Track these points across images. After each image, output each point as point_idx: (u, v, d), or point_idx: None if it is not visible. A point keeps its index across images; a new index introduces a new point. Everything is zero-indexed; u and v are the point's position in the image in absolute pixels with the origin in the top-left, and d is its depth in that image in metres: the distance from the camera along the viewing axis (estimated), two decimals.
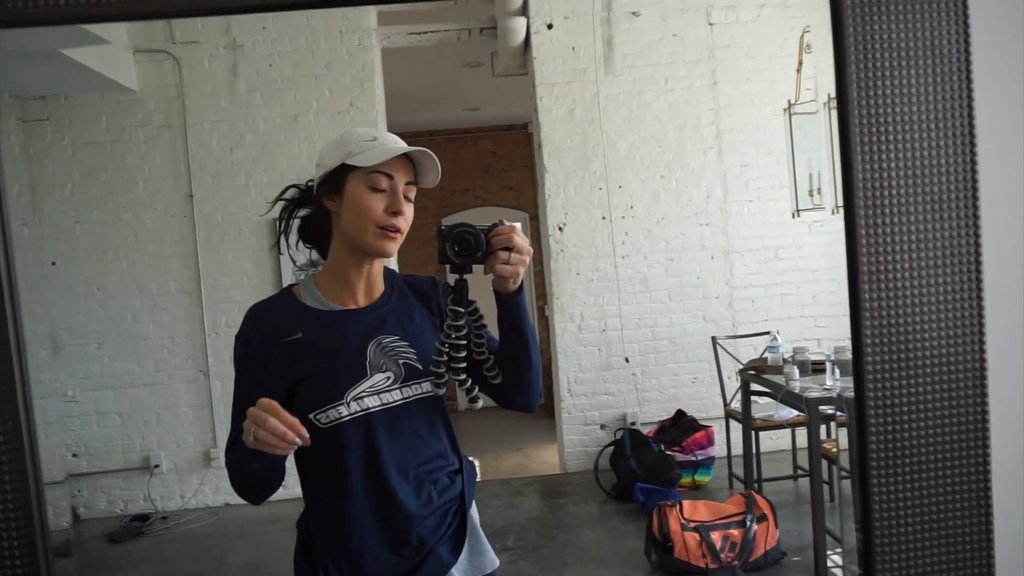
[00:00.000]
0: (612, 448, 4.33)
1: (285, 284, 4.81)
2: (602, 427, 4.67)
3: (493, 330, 1.25)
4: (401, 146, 1.20)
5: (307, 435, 1.07)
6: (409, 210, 1.22)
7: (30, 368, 0.55)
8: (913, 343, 0.54)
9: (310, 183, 1.30)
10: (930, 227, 0.52)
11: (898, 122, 0.51)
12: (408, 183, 1.22)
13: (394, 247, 1.22)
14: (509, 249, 1.12)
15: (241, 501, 1.28)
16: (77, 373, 4.44)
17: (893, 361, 0.54)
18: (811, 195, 3.25)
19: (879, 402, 0.56)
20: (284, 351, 1.20)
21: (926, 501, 0.60)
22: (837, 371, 3.05)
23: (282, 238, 1.32)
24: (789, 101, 3.42)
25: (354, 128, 1.25)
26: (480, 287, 1.20)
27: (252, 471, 1.16)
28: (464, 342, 1.16)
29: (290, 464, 1.19)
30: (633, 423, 4.59)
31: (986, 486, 0.61)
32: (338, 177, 1.21)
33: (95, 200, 4.46)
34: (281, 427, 1.05)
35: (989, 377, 0.55)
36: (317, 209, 1.27)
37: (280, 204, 1.34)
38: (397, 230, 1.20)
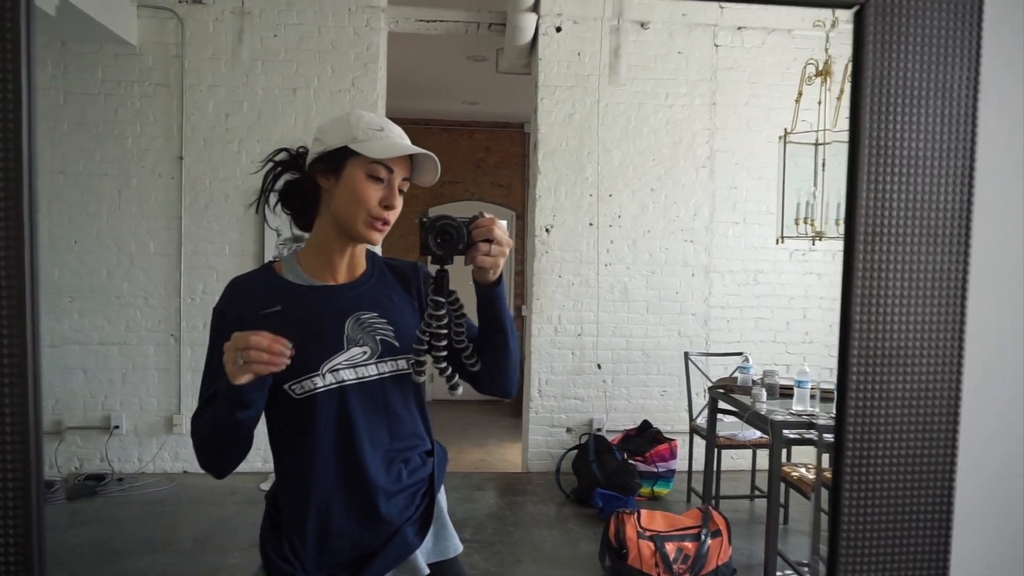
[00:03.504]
0: (576, 452, 4.37)
1: (267, 256, 4.73)
2: (568, 430, 4.71)
3: (474, 319, 1.27)
4: (408, 144, 1.22)
5: (290, 343, 1.04)
6: (400, 203, 1.24)
7: None
8: (895, 366, 0.58)
9: (300, 149, 1.30)
10: (923, 258, 0.55)
11: (904, 156, 0.54)
12: (404, 179, 1.24)
13: (380, 237, 1.24)
14: (489, 241, 1.14)
15: (200, 470, 1.25)
16: (45, 326, 4.37)
17: (875, 382, 0.58)
18: (796, 224, 3.31)
19: (858, 420, 0.59)
20: (261, 324, 1.18)
21: (890, 518, 0.63)
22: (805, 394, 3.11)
23: (263, 199, 1.31)
24: (785, 129, 3.48)
25: (361, 112, 1.25)
26: (460, 277, 1.23)
27: (237, 424, 1.11)
28: (445, 331, 1.18)
29: (257, 436, 1.18)
30: (599, 429, 4.63)
31: (948, 513, 0.64)
32: (338, 158, 1.21)
33: (82, 152, 4.40)
34: (265, 340, 1.03)
35: (962, 404, 0.58)
36: (308, 182, 1.27)
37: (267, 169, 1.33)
38: (386, 222, 1.22)
